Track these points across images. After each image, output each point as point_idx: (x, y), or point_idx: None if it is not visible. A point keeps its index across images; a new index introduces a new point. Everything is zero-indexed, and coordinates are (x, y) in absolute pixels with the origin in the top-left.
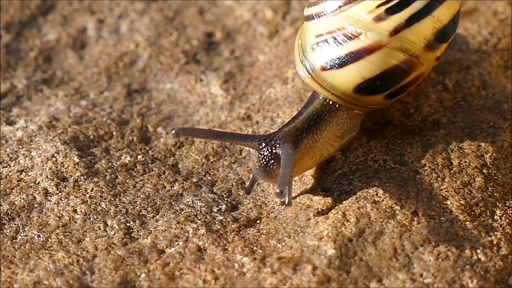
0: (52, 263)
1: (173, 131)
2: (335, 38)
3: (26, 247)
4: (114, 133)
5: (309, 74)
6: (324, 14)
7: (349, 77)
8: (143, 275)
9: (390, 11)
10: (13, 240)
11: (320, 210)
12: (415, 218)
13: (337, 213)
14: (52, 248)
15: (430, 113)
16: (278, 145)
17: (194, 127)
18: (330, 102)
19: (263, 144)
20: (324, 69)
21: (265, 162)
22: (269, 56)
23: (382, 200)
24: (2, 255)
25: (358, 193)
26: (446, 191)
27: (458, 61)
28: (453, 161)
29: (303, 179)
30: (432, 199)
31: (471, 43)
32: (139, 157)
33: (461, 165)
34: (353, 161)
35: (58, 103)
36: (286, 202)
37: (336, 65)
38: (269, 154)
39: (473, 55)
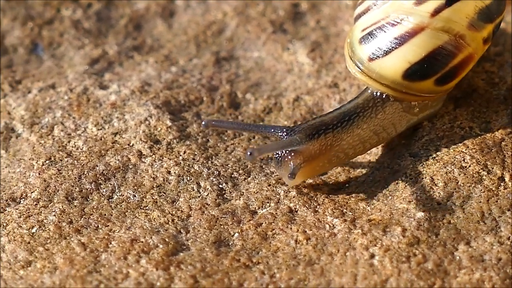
0: (148, 221)
1: (203, 122)
2: (379, 27)
3: (122, 206)
4: (205, 98)
5: (358, 68)
6: (369, 10)
7: (396, 64)
8: (236, 234)
9: None
10: (109, 200)
11: (408, 175)
12: (502, 184)
13: (425, 177)
14: (147, 207)
15: None
16: (294, 135)
17: (221, 119)
18: (378, 94)
19: (284, 135)
20: (371, 59)
21: (280, 154)
22: None
23: (469, 166)
24: (99, 213)
25: (445, 158)
26: None
27: None
28: None
29: (390, 144)
30: None
31: None
32: None
33: None
34: (440, 128)
35: (149, 69)
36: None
37: (383, 53)
38: None
39: None
